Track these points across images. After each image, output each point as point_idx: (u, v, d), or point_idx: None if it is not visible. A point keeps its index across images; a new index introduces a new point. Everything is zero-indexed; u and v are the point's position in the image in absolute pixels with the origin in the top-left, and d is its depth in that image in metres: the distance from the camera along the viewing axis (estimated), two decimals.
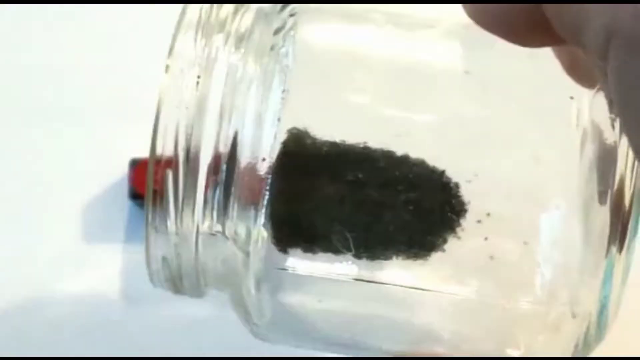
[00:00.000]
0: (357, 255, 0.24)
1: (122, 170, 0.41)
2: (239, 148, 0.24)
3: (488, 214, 0.24)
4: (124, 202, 0.41)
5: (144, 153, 0.40)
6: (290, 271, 0.25)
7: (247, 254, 0.24)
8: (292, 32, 0.25)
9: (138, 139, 0.40)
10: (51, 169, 0.42)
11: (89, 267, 0.41)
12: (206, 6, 0.25)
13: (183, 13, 0.25)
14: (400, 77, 0.25)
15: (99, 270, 0.41)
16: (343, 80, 0.25)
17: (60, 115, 0.43)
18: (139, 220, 0.41)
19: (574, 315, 0.24)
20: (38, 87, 0.43)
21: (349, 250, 0.24)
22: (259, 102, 0.24)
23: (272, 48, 0.24)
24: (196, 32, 0.25)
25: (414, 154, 0.24)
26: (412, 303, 0.25)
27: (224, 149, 0.24)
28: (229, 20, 0.25)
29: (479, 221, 0.24)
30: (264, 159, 0.24)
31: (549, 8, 0.20)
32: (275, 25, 0.25)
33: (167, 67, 0.24)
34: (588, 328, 0.24)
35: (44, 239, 0.41)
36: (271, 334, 0.26)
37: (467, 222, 0.24)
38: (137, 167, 0.40)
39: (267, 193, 0.24)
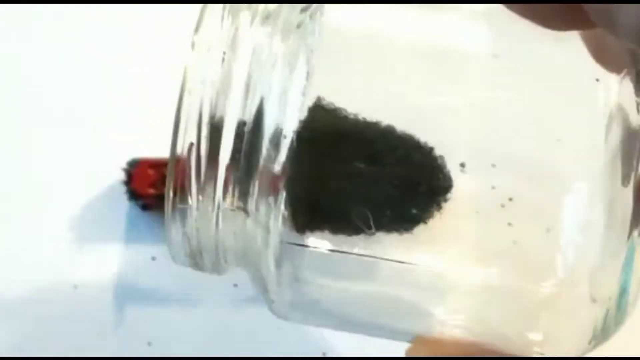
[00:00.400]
0: (374, 233, 0.24)
1: (121, 170, 0.41)
2: (262, 125, 0.24)
3: (511, 199, 0.24)
4: (124, 202, 0.41)
5: (143, 153, 0.40)
6: (310, 249, 0.25)
7: (268, 230, 0.24)
8: (318, 11, 0.25)
9: (137, 138, 0.41)
10: (50, 169, 0.42)
11: (88, 267, 0.41)
12: None
13: None
14: (427, 60, 0.25)
15: (98, 270, 0.41)
16: (368, 61, 0.25)
17: (59, 115, 0.43)
18: (138, 220, 0.41)
19: (593, 300, 0.24)
20: (37, 86, 0.43)
21: (369, 228, 0.24)
22: (284, 79, 0.24)
23: (298, 26, 0.25)
24: (223, 10, 0.25)
25: (438, 137, 0.24)
26: (433, 285, 0.25)
27: (248, 125, 0.24)
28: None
29: (502, 206, 0.24)
30: (285, 137, 0.24)
31: None
32: (302, 5, 0.25)
33: (193, 43, 0.25)
34: (607, 312, 0.24)
35: (43, 239, 0.41)
36: (290, 313, 0.26)
37: (491, 207, 0.24)
38: (137, 167, 0.40)
39: (288, 171, 0.24)
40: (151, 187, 0.40)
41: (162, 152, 0.39)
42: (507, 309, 0.26)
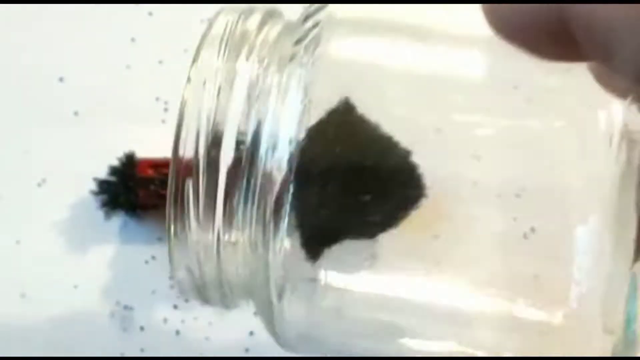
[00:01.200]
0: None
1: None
2: (259, 157, 0.24)
3: (532, 229, 0.24)
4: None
5: (142, 153, 0.40)
6: (311, 280, 0.24)
7: (267, 263, 0.24)
8: (313, 44, 0.25)
9: (135, 139, 0.41)
10: (50, 169, 0.43)
11: (88, 267, 0.41)
12: (232, 19, 0.26)
13: (210, 26, 0.26)
14: (434, 89, 0.25)
15: (98, 270, 0.41)
16: (365, 93, 0.25)
17: (58, 115, 0.43)
18: (134, 223, 0.42)
19: (605, 331, 0.23)
20: (35, 87, 0.44)
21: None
22: (279, 111, 0.24)
23: (291, 58, 0.24)
24: (220, 45, 0.25)
25: (462, 166, 0.24)
26: (450, 316, 0.25)
27: (244, 156, 0.24)
28: (254, 34, 0.25)
29: (525, 236, 0.24)
30: (282, 166, 0.24)
31: (574, 25, 0.19)
32: (297, 36, 0.25)
33: (189, 78, 0.25)
34: (616, 344, 0.23)
35: (43, 239, 0.42)
36: (296, 344, 0.26)
37: (514, 237, 0.24)
38: (140, 165, 0.40)
39: (286, 201, 0.24)
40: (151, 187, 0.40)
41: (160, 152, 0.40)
42: (519, 340, 0.25)
